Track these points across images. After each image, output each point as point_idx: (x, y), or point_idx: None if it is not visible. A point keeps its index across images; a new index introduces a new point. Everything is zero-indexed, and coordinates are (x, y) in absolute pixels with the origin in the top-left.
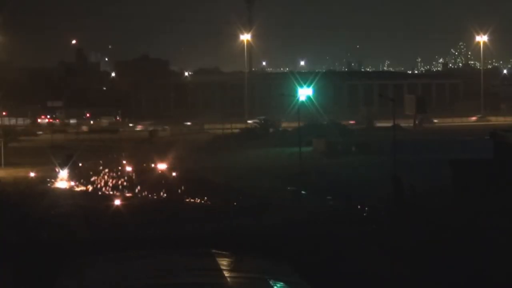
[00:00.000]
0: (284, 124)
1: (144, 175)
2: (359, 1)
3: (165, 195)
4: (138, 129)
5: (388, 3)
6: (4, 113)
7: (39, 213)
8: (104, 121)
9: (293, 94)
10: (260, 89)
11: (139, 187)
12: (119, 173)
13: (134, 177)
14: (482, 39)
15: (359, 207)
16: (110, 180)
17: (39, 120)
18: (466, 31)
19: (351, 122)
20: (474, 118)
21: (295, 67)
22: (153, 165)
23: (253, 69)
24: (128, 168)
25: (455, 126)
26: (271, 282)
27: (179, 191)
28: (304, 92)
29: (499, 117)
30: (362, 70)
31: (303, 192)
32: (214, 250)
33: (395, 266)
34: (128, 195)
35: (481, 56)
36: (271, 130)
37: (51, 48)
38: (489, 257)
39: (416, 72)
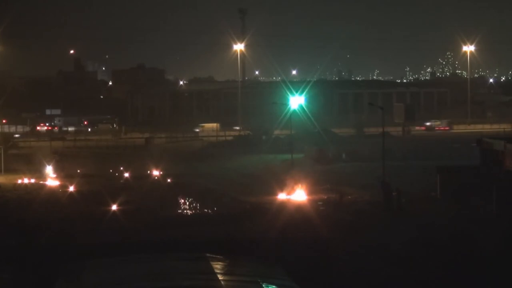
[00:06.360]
0: (277, 132)
1: (139, 180)
2: (350, 12)
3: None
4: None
5: (378, 14)
6: (4, 121)
7: (38, 217)
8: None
9: (285, 102)
10: (253, 98)
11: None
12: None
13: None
14: (469, 49)
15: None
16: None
17: (38, 128)
18: (453, 41)
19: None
20: None
21: (287, 76)
22: (148, 172)
23: (246, 78)
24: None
25: (443, 133)
26: (264, 285)
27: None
28: (296, 101)
29: None
30: (352, 79)
31: None
32: (208, 254)
33: (385, 267)
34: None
35: (468, 66)
36: (264, 137)
37: (50, 58)
38: (475, 261)
39: (404, 81)
